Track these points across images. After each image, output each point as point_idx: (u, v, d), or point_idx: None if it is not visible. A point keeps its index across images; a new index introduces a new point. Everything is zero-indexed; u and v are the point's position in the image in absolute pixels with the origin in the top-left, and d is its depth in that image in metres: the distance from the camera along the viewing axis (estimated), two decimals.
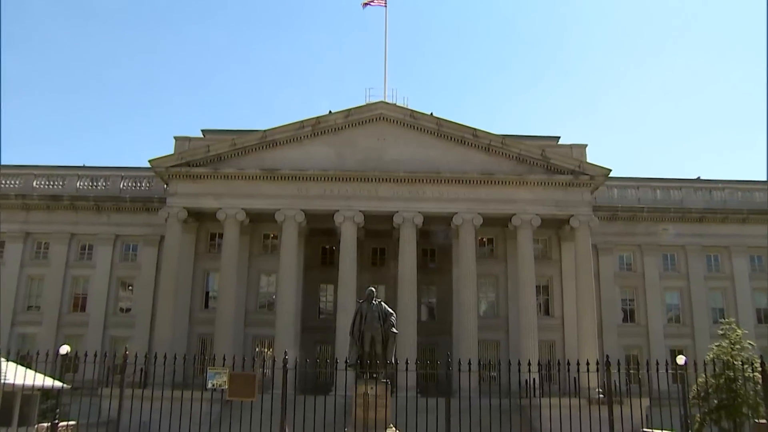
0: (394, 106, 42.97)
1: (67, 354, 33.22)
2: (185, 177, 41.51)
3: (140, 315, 43.59)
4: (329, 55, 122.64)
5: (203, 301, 44.68)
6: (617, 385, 20.39)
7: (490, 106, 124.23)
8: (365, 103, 42.90)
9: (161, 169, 41.53)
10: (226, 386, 18.95)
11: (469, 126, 42.22)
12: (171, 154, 41.99)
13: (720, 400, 31.39)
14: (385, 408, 18.75)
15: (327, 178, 41.35)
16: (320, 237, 45.52)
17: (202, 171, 41.44)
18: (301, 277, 43.09)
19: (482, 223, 41.37)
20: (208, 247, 45.44)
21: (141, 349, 38.25)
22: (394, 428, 19.37)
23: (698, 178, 50.67)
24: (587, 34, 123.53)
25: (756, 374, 30.06)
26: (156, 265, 44.24)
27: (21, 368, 23.90)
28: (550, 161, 41.74)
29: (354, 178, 41.33)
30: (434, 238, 44.27)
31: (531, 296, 40.53)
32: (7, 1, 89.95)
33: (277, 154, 41.95)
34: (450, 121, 42.34)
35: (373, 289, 21.15)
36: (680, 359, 34.74)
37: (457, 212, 41.05)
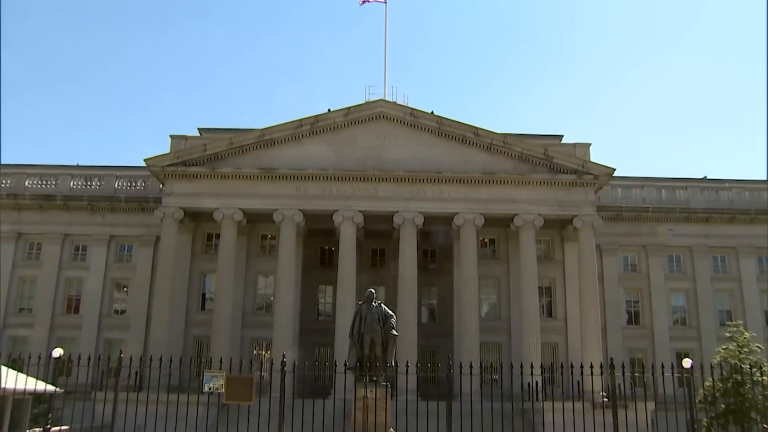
0: (394, 104, 42.98)
1: (60, 357, 33.19)
2: (181, 176, 41.50)
3: (135, 317, 43.57)
4: (328, 52, 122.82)
5: (200, 303, 44.64)
6: (622, 388, 20.29)
7: (492, 104, 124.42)
8: (365, 102, 42.93)
9: (157, 169, 41.51)
10: (222, 389, 18.91)
11: (470, 124, 42.23)
12: (167, 153, 41.98)
13: (727, 404, 31.33)
14: (385, 411, 18.72)
15: (326, 178, 41.33)
16: (319, 237, 45.51)
17: (199, 170, 41.43)
18: (299, 279, 43.07)
19: (484, 224, 41.35)
20: (204, 247, 45.41)
21: (136, 351, 38.18)
22: None
23: (704, 177, 50.59)
24: (590, 32, 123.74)
25: (764, 378, 30.13)
26: (151, 266, 44.18)
27: (12, 372, 23.86)
28: (553, 160, 41.73)
29: (353, 177, 41.33)
30: (435, 238, 44.24)
31: (533, 298, 40.53)
32: None
33: (275, 154, 41.95)
34: (451, 119, 42.34)
35: (372, 290, 21.13)
36: (686, 362, 34.74)
37: (459, 212, 41.04)
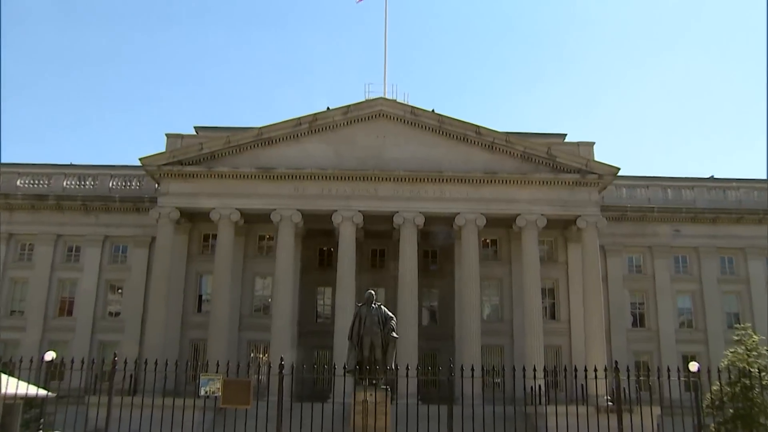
0: (395, 102, 43.00)
1: (52, 360, 33.20)
2: (177, 176, 41.51)
3: (130, 319, 43.52)
4: (327, 50, 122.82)
5: (196, 305, 44.64)
6: (627, 392, 20.28)
7: (493, 103, 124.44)
8: (364, 100, 42.97)
9: (152, 168, 41.51)
10: (219, 393, 18.88)
11: (472, 123, 42.26)
12: (162, 152, 41.97)
13: (736, 409, 31.25)
14: (384, 416, 18.70)
15: (325, 177, 41.35)
16: (318, 238, 45.50)
17: (195, 170, 41.44)
18: (297, 280, 43.07)
19: (485, 224, 41.36)
20: (201, 248, 45.40)
21: (131, 354, 37.99)
22: None
23: (711, 176, 50.54)
24: (593, 30, 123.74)
25: None
26: (147, 267, 44.17)
27: (3, 376, 23.76)
28: (556, 159, 41.74)
29: (353, 177, 41.35)
30: (436, 239, 44.22)
31: (536, 299, 40.52)
32: None
33: (273, 153, 41.97)
34: (452, 118, 42.35)
35: (372, 292, 21.13)
36: (693, 366, 34.73)
37: (460, 212, 41.05)
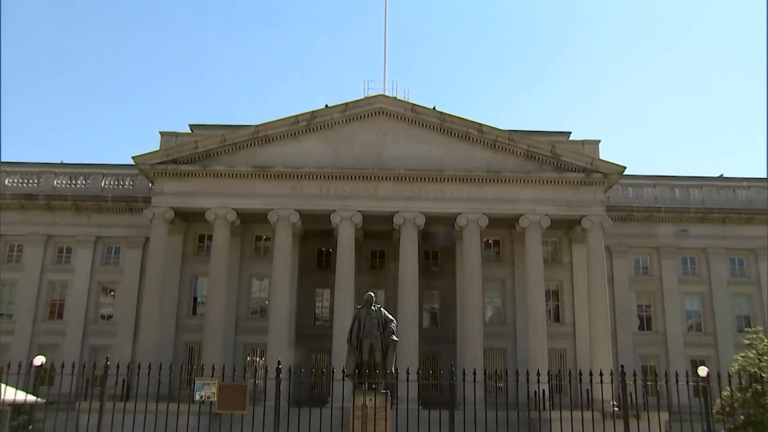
0: (395, 99, 43.00)
1: (41, 365, 33.18)
2: (172, 175, 41.50)
3: (123, 322, 43.55)
4: (326, 47, 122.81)
5: (191, 307, 44.63)
6: (633, 397, 20.24)
7: (495, 101, 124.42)
8: (364, 97, 42.95)
9: (146, 167, 41.50)
10: (214, 398, 18.86)
11: (473, 121, 42.28)
12: (156, 151, 41.94)
13: (747, 415, 31.20)
14: (384, 421, 18.70)
15: (323, 177, 41.36)
16: (316, 239, 45.53)
17: (190, 168, 41.43)
18: (295, 282, 43.07)
19: (488, 224, 41.37)
20: (196, 249, 45.40)
21: (123, 358, 38.03)
22: None
23: (721, 175, 50.49)
24: (597, 26, 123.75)
25: None
26: (140, 268, 44.12)
27: None
28: (560, 158, 41.76)
29: (352, 176, 41.36)
30: (437, 239, 44.25)
31: (540, 302, 40.53)
32: None
33: (270, 151, 41.97)
34: (454, 115, 42.37)
35: (372, 294, 21.11)
36: (702, 370, 34.73)
37: (461, 212, 41.06)
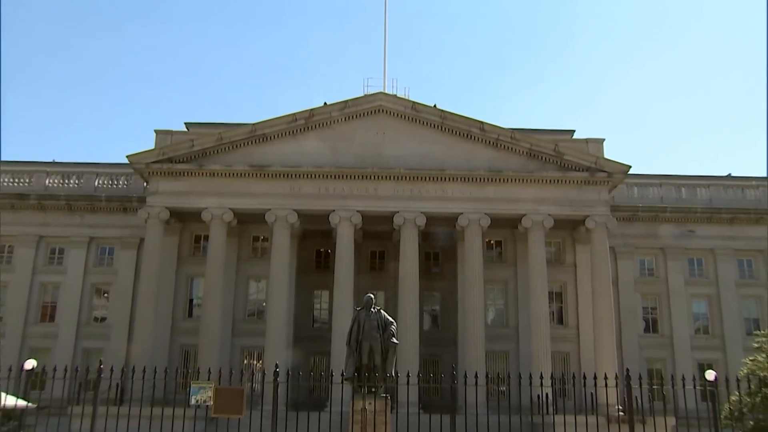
0: (395, 97, 43.03)
1: (32, 369, 33.07)
2: (167, 174, 41.52)
3: (117, 325, 43.51)
4: (325, 44, 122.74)
5: (187, 310, 44.63)
6: (639, 401, 20.25)
7: (497, 99, 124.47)
8: (363, 95, 42.99)
9: (140, 166, 41.50)
10: (211, 402, 18.87)
11: (475, 119, 42.28)
12: (151, 149, 41.97)
13: (756, 421, 31.09)
14: (384, 425, 18.69)
15: (322, 176, 41.37)
16: (314, 239, 45.55)
17: (186, 167, 41.45)
18: (293, 283, 43.09)
19: (490, 225, 41.39)
20: (192, 250, 45.41)
21: (117, 362, 38.05)
22: None
23: (729, 174, 50.42)
24: (600, 23, 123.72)
25: None
26: (135, 270, 44.13)
27: None
28: (563, 157, 41.78)
29: (351, 175, 41.39)
30: (438, 240, 44.28)
31: (543, 304, 40.54)
32: None
33: (267, 150, 41.99)
34: (455, 113, 42.38)
35: (371, 295, 21.07)
36: (710, 374, 34.71)
37: (463, 212, 41.08)
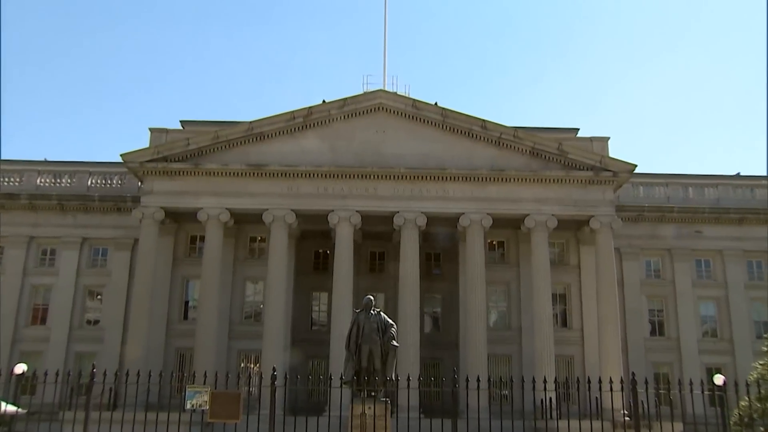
0: (395, 95, 43.07)
1: (23, 373, 33.04)
2: (162, 173, 41.53)
3: (110, 328, 43.46)
4: (324, 41, 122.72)
5: (182, 312, 44.61)
6: (645, 406, 20.25)
7: (499, 97, 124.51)
8: (363, 92, 43.03)
9: (135, 165, 41.50)
10: (207, 407, 18.84)
11: (477, 117, 42.30)
12: (146, 148, 42.00)
13: (766, 427, 31.14)
14: (384, 430, 18.66)
15: (320, 175, 41.38)
16: (313, 240, 45.56)
17: (181, 167, 41.46)
18: (291, 285, 43.12)
19: (492, 225, 41.39)
20: (187, 251, 45.39)
21: (110, 366, 38.02)
22: None
23: (738, 174, 50.42)
24: (606, 18, 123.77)
25: None
26: (129, 271, 44.09)
27: None
28: (567, 156, 41.79)
29: (350, 174, 41.40)
30: (438, 241, 44.27)
31: (546, 305, 40.51)
32: None
33: (264, 149, 42.00)
34: (456, 111, 42.39)
35: (371, 297, 21.08)
36: (718, 379, 34.70)
37: (464, 212, 41.09)
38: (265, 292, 41.66)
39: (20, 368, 32.09)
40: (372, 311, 20.25)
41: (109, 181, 47.11)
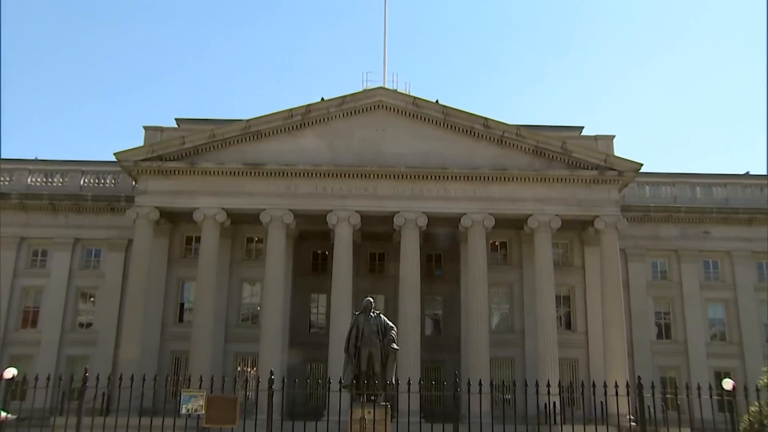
0: (395, 92, 43.09)
1: (13, 378, 33.00)
2: (157, 172, 41.55)
3: (103, 331, 43.45)
4: (322, 38, 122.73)
5: (177, 314, 44.63)
6: (652, 411, 20.19)
7: (501, 95, 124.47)
8: (362, 90, 43.06)
9: (129, 164, 41.51)
10: (202, 411, 18.83)
11: (479, 115, 42.34)
12: (140, 147, 42.05)
13: None
14: None
15: (319, 174, 41.40)
16: (311, 240, 45.63)
17: (177, 166, 41.48)
18: (289, 286, 43.18)
19: (494, 225, 41.43)
20: (183, 252, 45.44)
21: (103, 369, 38.07)
22: None
23: (747, 173, 50.36)
24: (610, 15, 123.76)
25: None
26: (122, 273, 44.08)
27: None
28: (571, 155, 41.79)
29: (349, 174, 41.43)
30: (439, 241, 44.30)
31: (550, 308, 40.53)
32: None
33: (262, 147, 42.03)
34: (458, 109, 42.43)
35: (371, 299, 21.06)
36: (727, 383, 34.66)
37: (466, 213, 41.13)
38: (263, 293, 41.68)
39: (10, 372, 32.01)
40: (372, 313, 20.23)
41: (102, 181, 47.12)
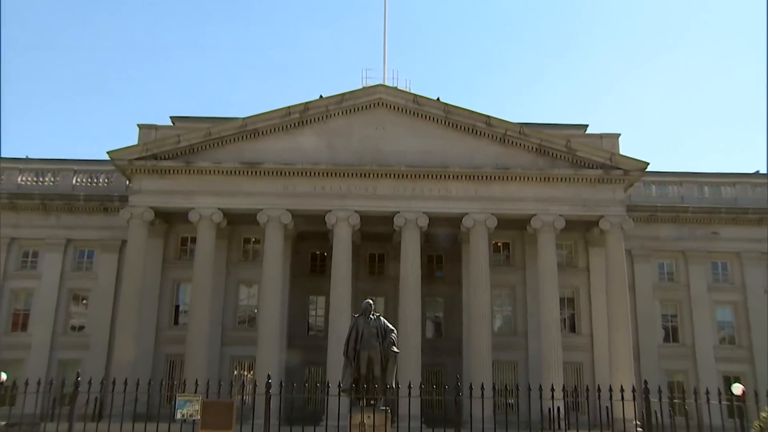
0: (395, 90, 43.07)
1: (2, 383, 33.01)
2: (151, 172, 41.52)
3: (96, 334, 43.45)
4: (321, 35, 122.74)
5: (172, 317, 44.61)
6: (658, 416, 20.18)
7: (503, 93, 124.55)
8: (362, 87, 43.03)
9: (122, 163, 41.49)
10: (198, 416, 18.84)
11: (481, 113, 42.30)
12: (134, 145, 42.01)
13: None
14: None
15: (317, 174, 41.38)
16: (310, 241, 45.65)
17: (172, 165, 41.44)
18: (287, 288, 43.15)
19: (497, 225, 41.37)
20: (178, 253, 45.42)
21: (96, 374, 37.79)
22: None
23: (756, 172, 50.36)
24: (613, 12, 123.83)
25: None
26: (116, 274, 44.11)
27: None
28: (576, 153, 41.77)
29: (349, 173, 41.41)
30: (441, 242, 44.31)
31: (554, 310, 40.52)
32: None
33: (259, 146, 42.02)
34: (459, 107, 42.40)
35: (370, 301, 21.09)
36: (736, 388, 34.62)
37: (467, 212, 41.10)
38: (260, 295, 41.67)
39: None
40: (371, 316, 20.26)
41: (95, 180, 47.09)
